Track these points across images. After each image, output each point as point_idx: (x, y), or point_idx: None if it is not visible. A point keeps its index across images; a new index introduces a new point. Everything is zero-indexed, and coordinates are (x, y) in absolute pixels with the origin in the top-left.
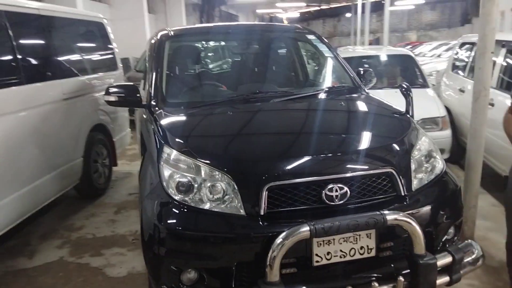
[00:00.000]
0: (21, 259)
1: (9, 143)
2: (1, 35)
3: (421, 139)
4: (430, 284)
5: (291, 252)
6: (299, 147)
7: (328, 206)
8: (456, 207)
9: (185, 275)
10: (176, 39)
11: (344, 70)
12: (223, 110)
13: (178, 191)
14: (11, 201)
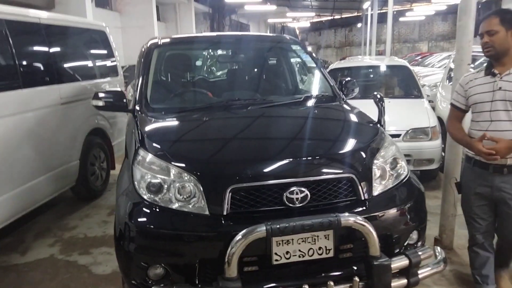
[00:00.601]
0: (14, 255)
1: (6, 143)
2: (1, 42)
3: (387, 147)
4: (385, 285)
5: (253, 251)
6: (264, 152)
7: (289, 208)
8: (419, 213)
9: (152, 271)
10: (165, 47)
11: (325, 80)
12: (200, 116)
13: (149, 191)
14: (6, 199)
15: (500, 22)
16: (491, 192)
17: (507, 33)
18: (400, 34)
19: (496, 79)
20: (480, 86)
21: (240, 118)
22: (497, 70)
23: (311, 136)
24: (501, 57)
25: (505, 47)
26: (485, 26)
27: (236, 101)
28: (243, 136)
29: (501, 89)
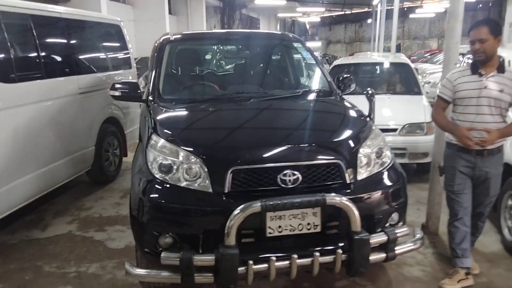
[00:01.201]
0: (35, 231)
1: (29, 129)
2: (26, 35)
3: (373, 138)
4: (363, 257)
5: (250, 225)
6: (261, 139)
7: (282, 189)
8: (399, 197)
9: (162, 239)
10: (176, 43)
11: (323, 76)
12: (207, 107)
13: (160, 171)
14: (29, 180)
15: (489, 31)
16: (473, 171)
17: (494, 40)
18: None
19: (483, 79)
20: (468, 83)
21: (242, 109)
22: (483, 71)
23: (304, 126)
24: (488, 61)
25: (493, 53)
26: (477, 35)
27: (240, 94)
28: (244, 125)
29: (486, 88)
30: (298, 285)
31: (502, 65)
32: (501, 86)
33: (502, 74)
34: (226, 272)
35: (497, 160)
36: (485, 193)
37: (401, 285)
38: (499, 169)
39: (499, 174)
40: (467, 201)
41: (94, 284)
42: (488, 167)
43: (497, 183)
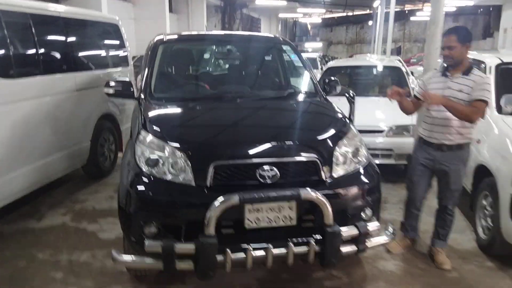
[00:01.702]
0: (31, 221)
1: (27, 123)
2: (25, 33)
3: (350, 138)
4: (335, 248)
5: (230, 217)
6: (243, 137)
7: (261, 184)
8: (372, 193)
9: (147, 229)
10: (169, 43)
11: (309, 78)
12: (195, 105)
13: (147, 165)
14: (26, 172)
15: (457, 39)
16: (433, 164)
17: (462, 47)
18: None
19: (447, 80)
20: (436, 83)
21: (228, 108)
22: (450, 73)
23: (285, 125)
24: (457, 65)
25: (461, 58)
26: (446, 42)
27: (228, 94)
28: (228, 123)
29: (449, 88)
30: (277, 276)
31: (468, 69)
32: (461, 86)
33: (466, 76)
34: (205, 260)
35: (456, 156)
36: (446, 187)
37: (375, 278)
38: (457, 164)
39: (458, 170)
40: (421, 192)
41: (85, 272)
42: (446, 162)
43: (457, 178)
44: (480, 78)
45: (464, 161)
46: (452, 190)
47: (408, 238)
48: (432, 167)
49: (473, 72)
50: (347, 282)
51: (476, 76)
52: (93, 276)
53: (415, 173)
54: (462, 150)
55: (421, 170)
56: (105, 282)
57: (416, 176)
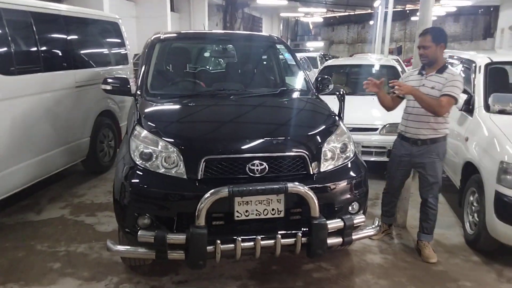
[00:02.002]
0: (30, 214)
1: (28, 118)
2: (26, 31)
3: (338, 134)
4: (321, 240)
5: (220, 209)
6: (233, 132)
7: (251, 177)
8: (359, 188)
9: (141, 220)
10: (166, 42)
11: (302, 76)
12: (189, 102)
13: (141, 159)
14: (26, 166)
15: (432, 39)
16: (410, 158)
17: (436, 47)
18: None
19: (423, 78)
20: (412, 81)
21: (221, 104)
22: (425, 71)
23: (275, 121)
24: (432, 64)
25: (435, 57)
26: (422, 42)
27: (222, 91)
28: (220, 119)
29: (423, 85)
30: (267, 268)
31: (442, 68)
32: (434, 84)
33: (440, 74)
34: (196, 250)
35: (430, 150)
36: (424, 179)
37: (362, 270)
38: (433, 158)
39: (434, 163)
40: (398, 183)
41: (82, 262)
42: (422, 156)
43: (433, 171)
44: (451, 75)
45: (439, 155)
46: (430, 183)
47: (386, 223)
48: (409, 161)
49: (447, 71)
50: (335, 274)
51: (448, 74)
52: (90, 266)
53: (393, 166)
54: (436, 144)
55: (398, 164)
56: (100, 272)
57: (393, 169)
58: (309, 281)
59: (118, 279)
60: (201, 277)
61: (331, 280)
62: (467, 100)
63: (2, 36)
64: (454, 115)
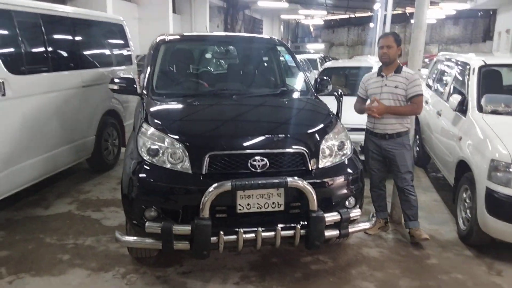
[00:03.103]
0: (39, 209)
1: (36, 116)
2: (35, 32)
3: (336, 132)
4: (319, 232)
5: (223, 202)
6: (236, 129)
7: (252, 172)
8: (355, 183)
9: (148, 212)
10: (170, 43)
11: (301, 77)
12: (193, 101)
13: (148, 154)
14: (34, 163)
15: (394, 40)
16: (380, 151)
17: (397, 48)
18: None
19: (383, 79)
20: (373, 83)
21: (224, 104)
22: (384, 73)
23: (276, 120)
24: (390, 64)
25: (395, 57)
26: (385, 42)
27: (224, 91)
28: (223, 117)
29: (386, 85)
30: (267, 260)
31: (399, 68)
32: (396, 83)
33: (399, 74)
34: (200, 240)
35: (397, 142)
36: (397, 170)
37: (358, 262)
38: (400, 149)
39: (403, 154)
40: (379, 176)
41: (90, 254)
42: (390, 147)
43: (403, 161)
44: (410, 75)
45: (406, 146)
46: (403, 172)
47: (381, 219)
48: (380, 154)
49: (403, 70)
50: (332, 266)
51: (407, 73)
52: (97, 258)
53: (369, 161)
54: (402, 137)
55: (372, 157)
56: (108, 264)
57: (370, 164)
58: (308, 272)
59: (125, 270)
60: (204, 268)
61: (329, 271)
62: (461, 101)
63: (12, 37)
64: (448, 115)
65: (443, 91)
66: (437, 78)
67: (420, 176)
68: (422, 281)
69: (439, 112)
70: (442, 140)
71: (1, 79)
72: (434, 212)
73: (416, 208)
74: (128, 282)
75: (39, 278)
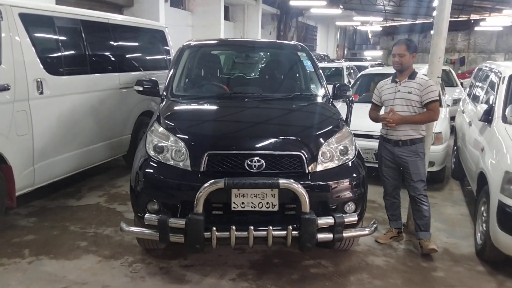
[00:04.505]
0: (71, 200)
1: (74, 114)
2: (76, 37)
3: (339, 137)
4: (310, 234)
5: (219, 200)
6: (236, 130)
7: (249, 172)
8: (355, 189)
9: (150, 205)
10: (194, 48)
11: (318, 82)
12: (204, 103)
13: (155, 151)
14: (72, 155)
15: (406, 49)
16: (393, 158)
17: (409, 56)
18: (476, 43)
19: (397, 85)
20: (388, 89)
21: (234, 106)
22: (398, 79)
23: (279, 122)
24: (404, 71)
25: (408, 65)
26: (397, 50)
27: (238, 94)
28: (228, 118)
29: (399, 91)
30: (269, 260)
31: (413, 74)
32: (409, 89)
33: (412, 80)
34: (193, 234)
35: (410, 150)
36: (409, 178)
37: (360, 270)
38: (413, 157)
39: (416, 161)
40: (393, 184)
41: (105, 243)
42: (403, 155)
43: (415, 169)
44: (424, 81)
45: (419, 154)
46: (415, 181)
47: (394, 228)
48: (393, 161)
49: (418, 76)
50: (332, 271)
51: (421, 79)
52: (111, 247)
53: (383, 168)
54: (416, 145)
55: (386, 166)
56: (119, 252)
57: (384, 171)
58: (305, 275)
59: (133, 259)
60: (206, 263)
61: (326, 276)
62: (487, 110)
63: (52, 41)
64: (477, 125)
65: (476, 101)
66: (474, 87)
67: (454, 189)
68: None
69: (470, 122)
70: (470, 151)
71: (40, 79)
72: (457, 226)
73: (427, 219)
74: (133, 270)
75: (55, 261)
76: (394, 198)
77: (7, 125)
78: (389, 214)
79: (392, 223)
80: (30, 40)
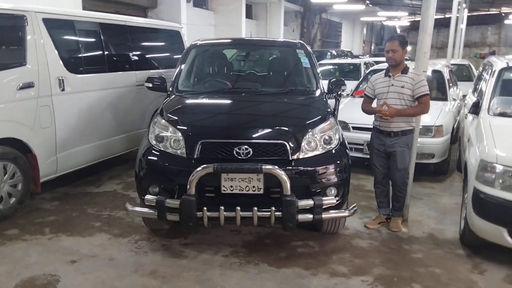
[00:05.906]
0: (91, 187)
1: (93, 109)
2: (94, 39)
3: (323, 127)
4: (291, 214)
5: (211, 183)
6: (227, 121)
7: (237, 159)
8: (336, 175)
9: (151, 188)
10: (200, 47)
11: (314, 78)
12: (204, 98)
13: (156, 140)
14: (89, 148)
15: (399, 44)
16: (385, 148)
17: (402, 51)
18: (508, 37)
19: (391, 79)
20: (381, 83)
21: (231, 100)
22: (391, 73)
23: (268, 114)
24: (397, 66)
25: (401, 60)
26: (390, 46)
27: (237, 89)
28: (222, 111)
29: (392, 85)
30: (261, 240)
31: (405, 69)
32: (402, 83)
33: (405, 74)
34: (186, 213)
35: (401, 140)
36: (394, 165)
37: (343, 250)
38: (403, 147)
39: (403, 151)
40: (383, 172)
41: (117, 223)
42: (394, 144)
43: (402, 158)
44: (416, 75)
45: (408, 145)
46: (399, 169)
47: (383, 214)
48: (384, 151)
49: (410, 71)
50: (317, 251)
51: (413, 74)
52: (122, 227)
53: (373, 157)
54: (406, 136)
55: (376, 154)
56: (128, 232)
57: (374, 160)
58: (292, 253)
59: (139, 237)
60: (203, 242)
61: (311, 255)
62: (475, 103)
63: (73, 42)
64: (469, 117)
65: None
66: (477, 81)
67: (456, 181)
68: (397, 271)
69: (466, 115)
70: (464, 142)
71: (62, 77)
72: (449, 215)
73: (402, 203)
74: (138, 246)
75: (71, 238)
76: (383, 186)
77: (32, 118)
78: (378, 201)
79: (381, 209)
80: (53, 42)
